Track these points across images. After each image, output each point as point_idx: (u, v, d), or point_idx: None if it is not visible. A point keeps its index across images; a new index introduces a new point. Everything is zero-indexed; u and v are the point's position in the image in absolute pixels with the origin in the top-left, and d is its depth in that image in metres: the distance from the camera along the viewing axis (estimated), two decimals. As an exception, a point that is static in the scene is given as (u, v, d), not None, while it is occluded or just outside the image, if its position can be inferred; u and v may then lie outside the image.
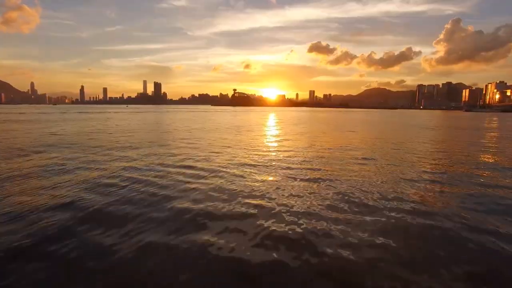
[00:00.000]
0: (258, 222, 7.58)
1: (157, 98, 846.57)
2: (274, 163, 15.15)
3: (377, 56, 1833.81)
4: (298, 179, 11.93)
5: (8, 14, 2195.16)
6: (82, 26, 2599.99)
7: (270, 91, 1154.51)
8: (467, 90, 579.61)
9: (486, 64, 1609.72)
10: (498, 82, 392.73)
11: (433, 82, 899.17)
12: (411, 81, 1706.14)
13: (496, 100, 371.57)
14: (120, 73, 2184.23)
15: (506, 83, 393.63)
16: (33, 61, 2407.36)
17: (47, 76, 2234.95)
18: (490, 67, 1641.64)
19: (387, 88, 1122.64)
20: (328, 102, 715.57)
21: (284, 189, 10.46)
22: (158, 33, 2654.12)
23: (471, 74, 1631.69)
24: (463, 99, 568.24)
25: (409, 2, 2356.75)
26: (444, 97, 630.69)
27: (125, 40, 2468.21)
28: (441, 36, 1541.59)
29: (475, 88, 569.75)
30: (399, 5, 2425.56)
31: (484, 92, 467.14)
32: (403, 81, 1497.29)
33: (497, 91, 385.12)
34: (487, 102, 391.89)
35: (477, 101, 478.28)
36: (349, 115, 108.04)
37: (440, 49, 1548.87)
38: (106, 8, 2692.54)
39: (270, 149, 20.62)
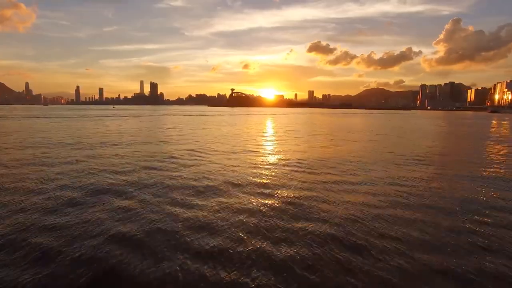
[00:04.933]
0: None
1: (154, 98, 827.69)
2: None
3: (376, 56, 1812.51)
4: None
5: (2, 12, 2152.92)
6: (79, 26, 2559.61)
7: (268, 92, 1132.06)
8: (473, 90, 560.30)
9: (486, 64, 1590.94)
10: (508, 81, 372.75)
11: (432, 82, 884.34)
12: (410, 81, 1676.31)
13: (508, 100, 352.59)
14: (117, 73, 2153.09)
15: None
16: (30, 61, 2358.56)
17: (44, 76, 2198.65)
18: (489, 67, 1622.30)
19: (386, 88, 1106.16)
20: (328, 102, 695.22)
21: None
22: (156, 33, 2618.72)
23: (470, 74, 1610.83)
24: (468, 99, 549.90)
25: (406, 3, 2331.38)
26: (446, 97, 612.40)
27: (123, 40, 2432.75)
28: (441, 36, 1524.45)
29: (482, 88, 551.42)
30: (396, 5, 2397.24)
31: (491, 92, 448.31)
32: (402, 81, 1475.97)
33: (507, 90, 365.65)
34: (496, 103, 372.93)
35: (484, 102, 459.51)
36: (378, 119, 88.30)
37: (440, 49, 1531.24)
38: (103, 8, 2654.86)
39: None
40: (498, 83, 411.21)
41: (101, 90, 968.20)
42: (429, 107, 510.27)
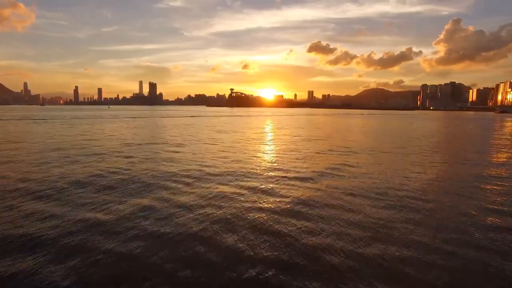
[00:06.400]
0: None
1: (153, 98, 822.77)
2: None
3: (376, 56, 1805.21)
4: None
5: (0, 12, 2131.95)
6: (78, 26, 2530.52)
7: (268, 92, 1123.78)
8: (475, 90, 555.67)
9: (486, 64, 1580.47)
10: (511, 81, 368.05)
11: (432, 82, 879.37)
12: (409, 82, 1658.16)
13: (511, 100, 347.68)
14: (117, 73, 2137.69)
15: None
16: (29, 61, 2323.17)
17: (43, 76, 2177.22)
18: (489, 67, 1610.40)
19: (385, 89, 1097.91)
20: (328, 102, 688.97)
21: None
22: (155, 33, 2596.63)
23: (470, 74, 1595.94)
24: (470, 99, 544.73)
25: (405, 3, 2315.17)
26: (448, 97, 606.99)
27: (122, 40, 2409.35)
28: (441, 37, 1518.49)
29: (483, 88, 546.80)
30: (395, 6, 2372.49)
31: (493, 92, 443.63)
32: (401, 81, 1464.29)
33: (511, 90, 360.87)
34: (499, 103, 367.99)
35: (485, 102, 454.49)
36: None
37: (440, 49, 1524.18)
38: (102, 8, 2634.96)
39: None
40: (501, 83, 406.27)
41: (100, 90, 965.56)
42: (431, 107, 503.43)
